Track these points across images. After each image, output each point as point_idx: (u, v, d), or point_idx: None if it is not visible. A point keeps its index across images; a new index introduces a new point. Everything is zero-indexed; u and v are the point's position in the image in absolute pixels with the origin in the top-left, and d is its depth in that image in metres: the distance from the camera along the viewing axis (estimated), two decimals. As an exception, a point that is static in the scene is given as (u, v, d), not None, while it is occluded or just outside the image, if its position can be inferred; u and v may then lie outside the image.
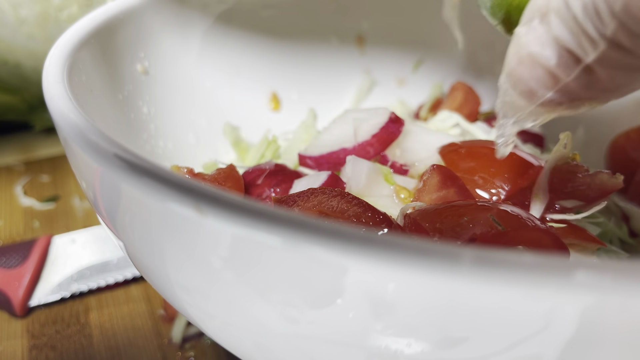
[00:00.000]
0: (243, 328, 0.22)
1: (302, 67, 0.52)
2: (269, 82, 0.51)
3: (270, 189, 0.35)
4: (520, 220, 0.24)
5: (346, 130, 0.38)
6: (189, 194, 0.18)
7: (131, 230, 0.23)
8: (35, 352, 0.38)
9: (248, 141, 0.48)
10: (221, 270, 0.20)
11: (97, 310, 0.42)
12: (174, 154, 0.42)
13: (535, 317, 0.16)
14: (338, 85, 0.54)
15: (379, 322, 0.18)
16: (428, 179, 0.31)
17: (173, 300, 0.25)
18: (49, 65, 0.29)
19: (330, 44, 0.52)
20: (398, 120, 0.37)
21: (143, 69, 0.41)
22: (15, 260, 0.43)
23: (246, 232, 0.17)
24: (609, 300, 0.15)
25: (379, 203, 0.32)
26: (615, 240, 0.34)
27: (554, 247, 0.23)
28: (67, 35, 0.33)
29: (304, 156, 0.38)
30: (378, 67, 0.54)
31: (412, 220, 0.26)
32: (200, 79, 0.46)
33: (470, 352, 0.17)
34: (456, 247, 0.15)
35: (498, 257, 0.15)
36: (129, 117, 0.38)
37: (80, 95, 0.29)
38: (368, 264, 0.16)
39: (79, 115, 0.24)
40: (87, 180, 0.25)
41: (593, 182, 0.29)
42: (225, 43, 0.47)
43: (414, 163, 0.35)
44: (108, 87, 0.36)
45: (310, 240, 0.16)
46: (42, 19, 0.49)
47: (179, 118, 0.44)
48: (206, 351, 0.38)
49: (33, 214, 0.51)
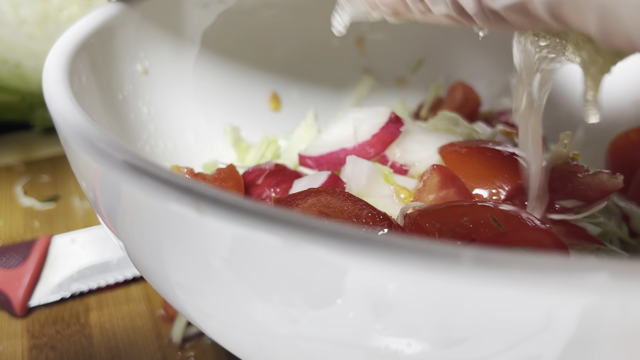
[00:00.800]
0: (243, 328, 0.22)
1: (303, 67, 0.52)
2: (269, 82, 0.51)
3: (270, 189, 0.35)
4: (520, 220, 0.24)
5: (346, 131, 0.38)
6: (189, 194, 0.18)
7: (131, 230, 0.23)
8: (35, 352, 0.38)
9: (248, 141, 0.48)
10: (221, 270, 0.20)
11: (97, 310, 0.41)
12: (174, 154, 0.42)
13: (535, 317, 0.16)
14: (338, 86, 0.54)
15: (379, 322, 0.18)
16: (428, 179, 0.31)
17: (173, 300, 0.25)
18: (49, 65, 0.29)
19: (330, 44, 0.52)
20: (398, 121, 0.37)
21: (143, 69, 0.41)
22: (15, 260, 0.43)
23: (246, 232, 0.17)
24: (608, 301, 0.15)
25: (379, 203, 0.32)
26: (616, 240, 0.34)
27: (554, 247, 0.23)
28: (67, 35, 0.33)
29: (304, 156, 0.38)
30: (378, 67, 0.54)
31: (412, 221, 0.26)
32: (200, 79, 0.46)
33: (470, 352, 0.17)
34: (456, 248, 0.15)
35: (498, 257, 0.15)
36: (129, 117, 0.38)
37: (80, 96, 0.29)
38: (368, 264, 0.16)
39: (79, 115, 0.24)
40: (87, 180, 0.25)
41: (593, 182, 0.29)
42: (226, 43, 0.47)
43: (414, 163, 0.35)
44: (108, 87, 0.36)
45: (310, 240, 0.16)
46: (42, 19, 0.49)
47: (179, 118, 0.44)
48: (206, 351, 0.38)
49: (33, 214, 0.51)
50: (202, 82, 0.46)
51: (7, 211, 0.52)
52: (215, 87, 0.47)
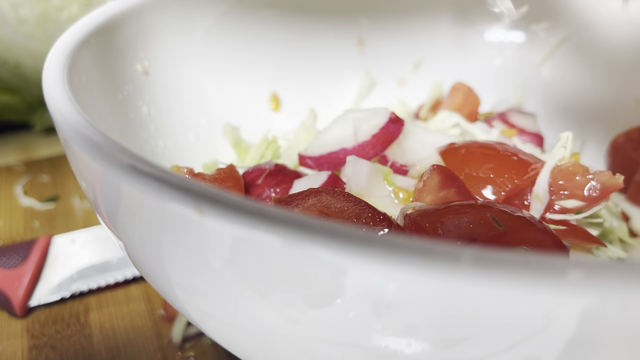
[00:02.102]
0: (243, 328, 0.22)
1: (303, 67, 0.52)
2: (269, 82, 0.51)
3: (270, 189, 0.35)
4: (520, 220, 0.24)
5: (346, 131, 0.38)
6: (189, 194, 0.18)
7: (131, 230, 0.23)
8: (35, 352, 0.38)
9: (248, 141, 0.48)
10: (221, 270, 0.20)
11: (97, 310, 0.41)
12: (174, 154, 0.42)
13: (535, 317, 0.16)
14: (338, 85, 0.54)
15: (379, 322, 0.18)
16: (428, 179, 0.31)
17: (173, 300, 0.25)
18: (49, 65, 0.29)
19: (330, 44, 0.52)
20: (398, 121, 0.37)
21: (143, 68, 0.41)
22: (16, 260, 0.43)
23: (246, 232, 0.17)
24: (608, 301, 0.15)
25: (378, 203, 0.32)
26: (616, 240, 0.34)
27: (554, 247, 0.23)
28: (67, 35, 0.33)
29: (304, 156, 0.38)
30: (378, 67, 0.54)
31: (412, 221, 0.26)
32: (200, 78, 0.46)
33: (470, 352, 0.17)
34: (456, 247, 0.15)
35: (498, 257, 0.15)
36: (129, 117, 0.38)
37: (80, 95, 0.29)
38: (368, 264, 0.16)
39: (79, 115, 0.24)
40: (87, 180, 0.25)
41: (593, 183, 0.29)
42: (226, 43, 0.47)
43: (414, 163, 0.35)
44: (108, 87, 0.36)
45: (310, 240, 0.16)
46: (42, 19, 0.49)
47: (179, 118, 0.44)
48: (206, 351, 0.38)
49: (33, 214, 0.51)
50: (202, 81, 0.46)
51: (7, 211, 0.52)
52: (215, 87, 0.47)
